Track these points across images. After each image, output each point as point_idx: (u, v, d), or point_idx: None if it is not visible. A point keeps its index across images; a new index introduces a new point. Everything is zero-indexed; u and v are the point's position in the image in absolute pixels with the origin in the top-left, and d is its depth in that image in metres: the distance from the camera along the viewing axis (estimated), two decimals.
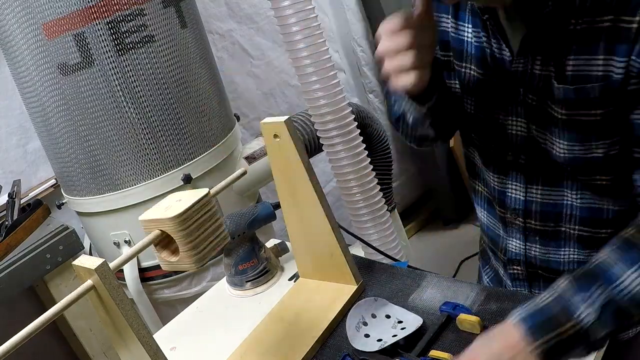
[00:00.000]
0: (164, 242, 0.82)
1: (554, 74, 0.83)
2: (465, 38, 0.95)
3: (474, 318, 0.90)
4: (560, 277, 0.78)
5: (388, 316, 0.98)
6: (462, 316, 0.91)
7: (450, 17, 0.96)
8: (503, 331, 0.75)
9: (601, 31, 0.77)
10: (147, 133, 1.56)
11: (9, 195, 1.74)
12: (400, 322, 0.96)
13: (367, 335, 0.95)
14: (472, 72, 0.96)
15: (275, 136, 0.98)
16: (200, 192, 0.84)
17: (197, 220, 0.81)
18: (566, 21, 0.80)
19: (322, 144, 1.51)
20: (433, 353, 0.89)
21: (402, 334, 0.92)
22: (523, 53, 0.86)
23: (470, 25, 0.93)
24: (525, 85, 0.88)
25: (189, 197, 0.83)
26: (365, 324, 0.97)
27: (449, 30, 0.97)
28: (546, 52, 0.84)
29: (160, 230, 0.80)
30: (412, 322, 0.94)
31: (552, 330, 0.71)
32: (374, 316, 0.98)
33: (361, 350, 0.92)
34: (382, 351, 0.90)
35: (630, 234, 0.76)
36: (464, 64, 0.97)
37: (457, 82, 1.01)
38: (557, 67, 0.83)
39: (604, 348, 0.79)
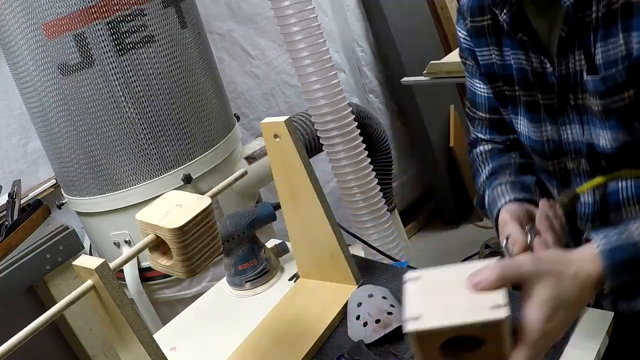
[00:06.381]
0: (156, 242, 0.81)
1: (585, 67, 0.83)
2: (510, 62, 0.94)
3: None
4: None
5: (385, 297, 1.00)
6: None
7: (494, 46, 0.96)
8: (583, 258, 0.70)
9: (617, 12, 0.77)
10: (147, 133, 1.56)
11: (9, 195, 1.74)
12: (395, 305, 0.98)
13: (357, 317, 0.97)
14: (519, 94, 0.95)
15: (275, 136, 0.98)
16: (203, 202, 0.81)
17: (195, 232, 0.80)
18: (588, 10, 0.79)
19: (322, 144, 1.52)
20: None
21: (397, 310, 0.94)
22: (562, 54, 0.84)
23: (509, 48, 0.93)
24: (571, 87, 0.86)
25: (190, 204, 0.81)
26: (359, 304, 0.98)
27: (494, 60, 0.97)
28: (580, 47, 0.82)
29: (156, 235, 0.80)
30: None
31: (633, 274, 0.69)
32: (370, 296, 1.00)
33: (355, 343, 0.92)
34: (381, 340, 0.93)
35: None
36: (515, 88, 0.95)
37: (509, 108, 0.99)
38: (587, 59, 0.82)
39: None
